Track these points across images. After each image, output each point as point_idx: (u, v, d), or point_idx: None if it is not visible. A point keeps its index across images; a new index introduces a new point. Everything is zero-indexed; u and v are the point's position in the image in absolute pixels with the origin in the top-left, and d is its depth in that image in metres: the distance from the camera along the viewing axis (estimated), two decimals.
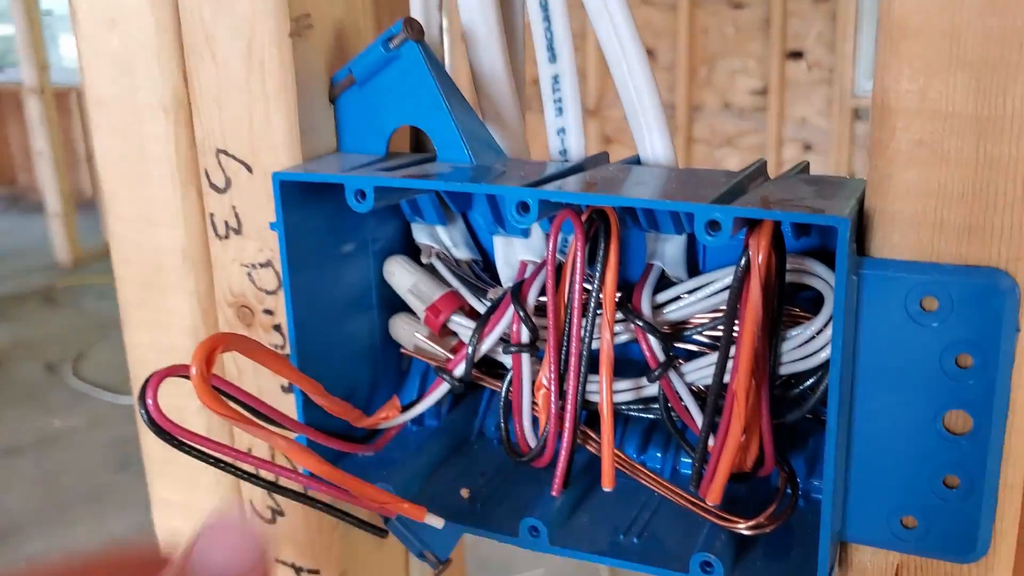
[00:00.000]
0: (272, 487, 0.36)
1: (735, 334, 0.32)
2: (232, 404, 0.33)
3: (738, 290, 0.32)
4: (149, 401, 0.32)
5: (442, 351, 0.41)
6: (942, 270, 0.29)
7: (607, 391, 0.35)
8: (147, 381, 0.32)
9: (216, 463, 0.34)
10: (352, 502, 0.36)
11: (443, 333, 0.41)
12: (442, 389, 0.40)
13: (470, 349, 0.39)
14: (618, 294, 0.35)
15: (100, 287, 3.29)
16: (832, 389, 0.29)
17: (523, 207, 0.32)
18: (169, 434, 0.32)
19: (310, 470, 0.34)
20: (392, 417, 0.40)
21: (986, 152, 0.28)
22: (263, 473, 0.42)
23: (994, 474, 0.30)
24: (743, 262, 0.32)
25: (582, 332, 0.36)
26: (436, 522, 0.36)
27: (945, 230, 0.29)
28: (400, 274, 0.41)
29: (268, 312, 0.40)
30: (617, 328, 0.37)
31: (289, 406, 0.38)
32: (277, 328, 0.40)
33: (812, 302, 0.35)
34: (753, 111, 3.19)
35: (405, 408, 0.40)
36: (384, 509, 0.36)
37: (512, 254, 0.41)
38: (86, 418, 2.48)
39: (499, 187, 0.33)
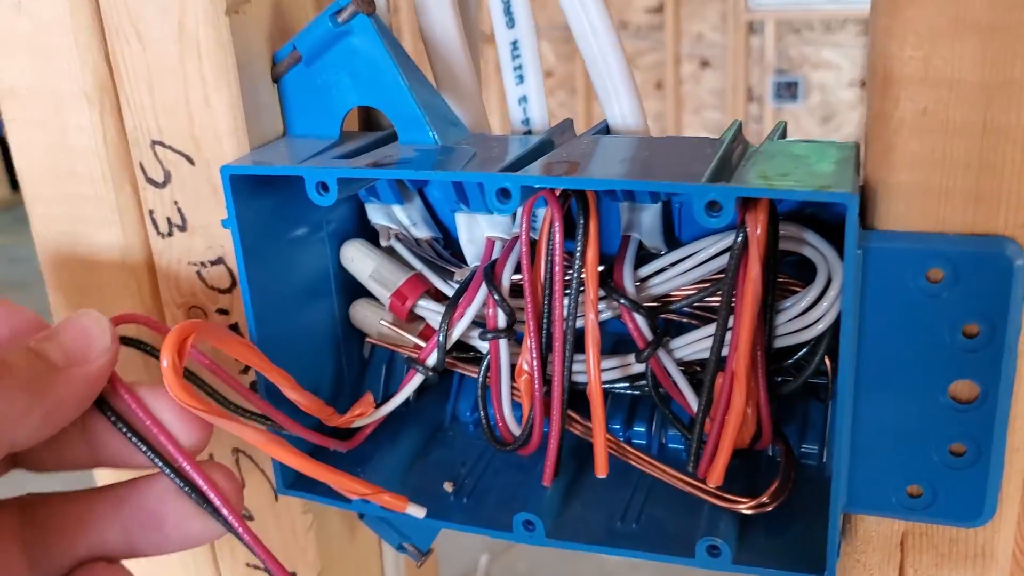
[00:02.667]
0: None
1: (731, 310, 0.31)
2: (206, 397, 0.31)
3: (735, 267, 0.31)
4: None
5: (410, 338, 0.39)
6: (948, 240, 0.28)
7: (595, 374, 0.33)
8: None
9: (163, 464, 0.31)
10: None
11: (410, 319, 0.39)
12: (416, 381, 0.38)
13: (441, 337, 0.37)
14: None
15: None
16: (842, 372, 0.28)
17: (504, 194, 0.30)
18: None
19: (288, 464, 0.32)
20: (367, 414, 0.38)
21: (994, 119, 0.27)
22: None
23: (1001, 440, 0.29)
24: (740, 239, 0.30)
25: (565, 312, 0.34)
26: (418, 512, 0.34)
27: (951, 200, 0.28)
28: (360, 260, 0.39)
29: (223, 311, 0.37)
30: (600, 306, 0.35)
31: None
32: (234, 328, 0.37)
33: (795, 266, 0.34)
34: (650, 29, 3.18)
35: (379, 403, 0.38)
36: (367, 499, 0.34)
37: (477, 231, 0.38)
38: None
39: (477, 174, 0.30)
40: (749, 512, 0.33)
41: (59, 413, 0.28)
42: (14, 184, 3.47)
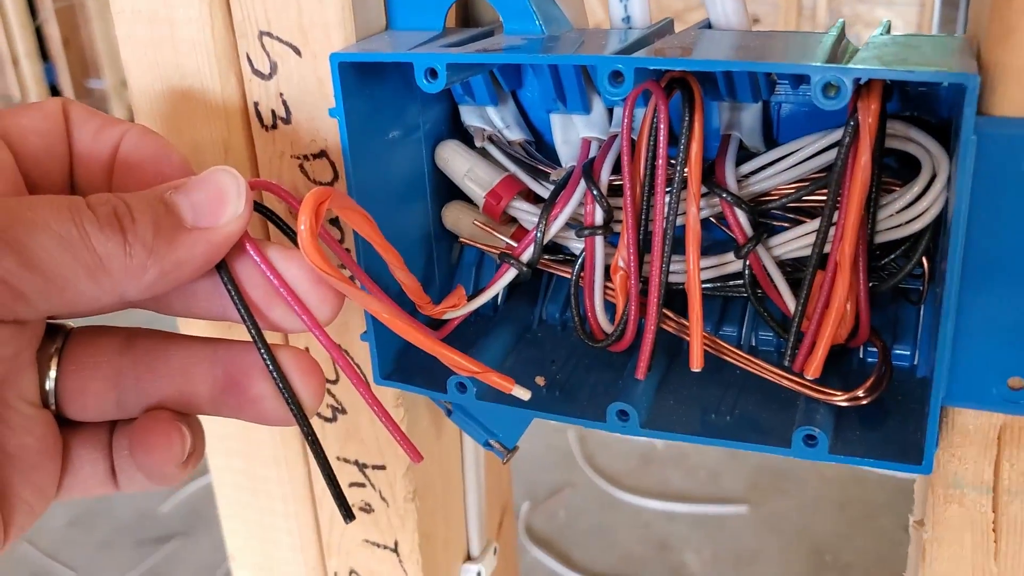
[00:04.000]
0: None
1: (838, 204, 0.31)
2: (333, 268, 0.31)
3: (845, 156, 0.31)
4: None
5: (502, 238, 0.40)
6: None
7: (695, 268, 0.34)
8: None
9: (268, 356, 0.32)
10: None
11: (503, 220, 0.40)
12: (509, 275, 0.38)
13: (539, 233, 0.37)
14: None
15: None
16: (952, 262, 0.29)
17: (616, 76, 0.30)
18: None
19: (409, 339, 0.33)
20: (460, 306, 0.38)
21: None
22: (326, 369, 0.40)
23: None
24: (852, 126, 0.30)
25: (666, 209, 0.34)
26: (523, 394, 0.34)
27: None
28: (455, 159, 0.40)
29: None
30: (700, 203, 0.35)
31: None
32: (334, 222, 0.38)
33: (893, 169, 0.34)
34: None
35: (471, 297, 0.39)
36: (477, 376, 0.34)
37: (572, 132, 0.39)
38: None
39: (592, 57, 0.31)
40: (845, 404, 0.34)
41: (178, 272, 0.28)
42: None
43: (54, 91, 3.25)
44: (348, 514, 0.32)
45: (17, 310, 0.26)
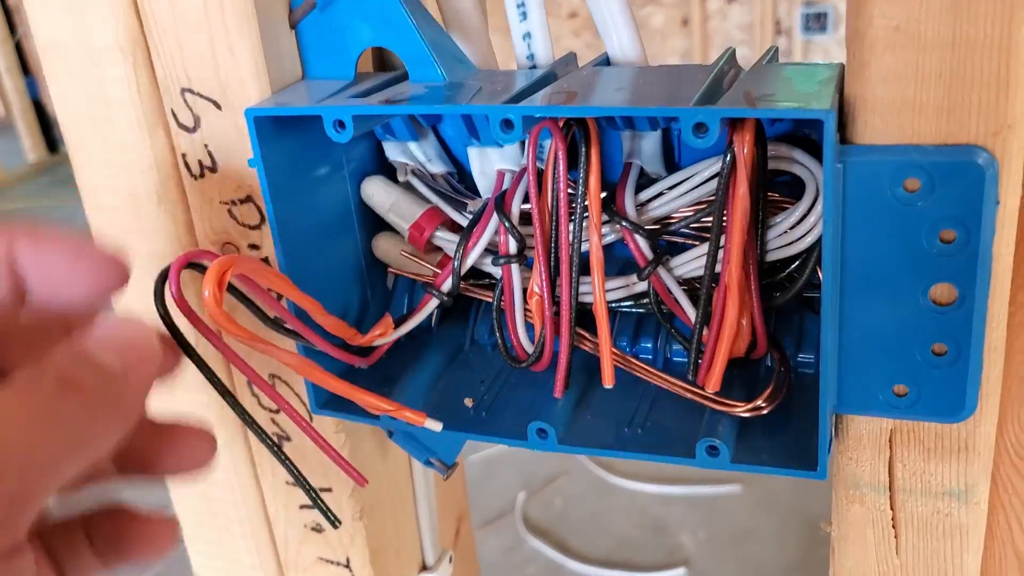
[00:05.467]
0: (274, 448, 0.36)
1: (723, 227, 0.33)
2: (242, 329, 0.33)
3: (725, 186, 0.33)
4: (172, 288, 0.31)
5: (429, 267, 0.42)
6: (923, 151, 0.30)
7: (600, 292, 0.36)
8: (165, 270, 0.32)
9: (221, 390, 0.34)
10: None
11: (428, 249, 0.42)
12: (431, 304, 0.40)
13: (456, 263, 0.39)
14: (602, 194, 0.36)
15: (30, 211, 3.20)
16: (826, 279, 0.31)
17: (507, 124, 0.32)
18: (183, 336, 0.32)
19: (319, 384, 0.35)
20: (387, 334, 0.40)
21: (963, 32, 0.28)
22: (264, 401, 0.43)
23: (979, 339, 0.31)
24: (728, 159, 0.32)
25: (570, 237, 0.36)
26: (435, 426, 0.37)
27: (924, 112, 0.29)
28: (379, 195, 0.41)
29: (254, 247, 0.40)
30: (603, 230, 0.37)
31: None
32: (265, 261, 0.40)
33: (787, 185, 0.36)
34: None
35: (397, 324, 0.41)
36: (390, 415, 0.36)
37: (488, 164, 0.41)
38: None
39: (482, 107, 0.32)
40: (746, 415, 0.36)
41: (132, 416, 0.29)
42: (51, 146, 3.53)
43: (37, 105, 3.27)
44: (333, 521, 0.36)
45: (18, 522, 0.26)
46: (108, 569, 0.32)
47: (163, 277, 0.32)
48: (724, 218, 0.33)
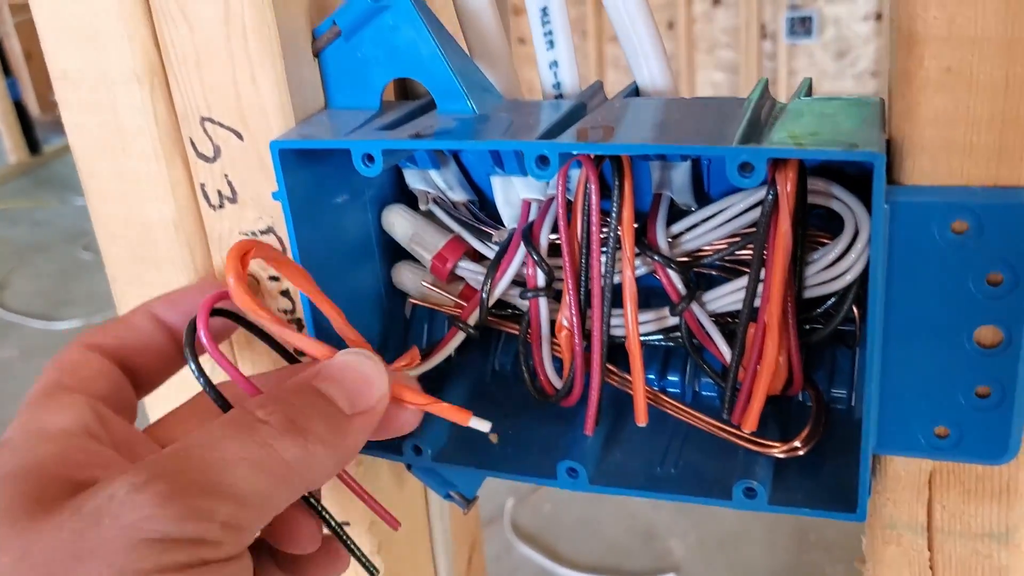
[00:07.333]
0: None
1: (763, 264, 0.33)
2: (267, 311, 0.32)
3: (766, 224, 0.32)
4: (203, 333, 0.31)
5: (450, 298, 0.41)
6: (972, 192, 0.29)
7: (634, 329, 0.35)
8: (193, 319, 0.32)
9: None
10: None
11: (450, 279, 0.41)
12: (458, 338, 0.39)
13: (483, 296, 0.38)
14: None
15: (11, 212, 3.16)
16: (871, 322, 0.30)
17: (543, 160, 0.31)
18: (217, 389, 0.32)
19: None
20: (412, 365, 0.39)
21: (1016, 75, 0.28)
22: None
23: None
24: (771, 197, 0.32)
25: (602, 269, 0.35)
26: (483, 425, 0.34)
27: (974, 154, 0.29)
28: (400, 224, 0.41)
29: (274, 279, 0.39)
30: (635, 263, 0.37)
31: None
32: (285, 293, 0.39)
33: (823, 218, 0.36)
34: None
35: (424, 356, 0.40)
36: (427, 409, 0.34)
37: (512, 193, 0.40)
38: (19, 348, 2.41)
39: (517, 143, 0.32)
40: (783, 456, 0.35)
41: (350, 457, 0.30)
42: (32, 147, 3.49)
43: (19, 106, 3.23)
44: (373, 572, 0.36)
45: (243, 543, 0.27)
46: None
47: (192, 326, 0.31)
48: (764, 254, 0.33)
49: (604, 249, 0.35)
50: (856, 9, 2.88)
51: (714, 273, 0.38)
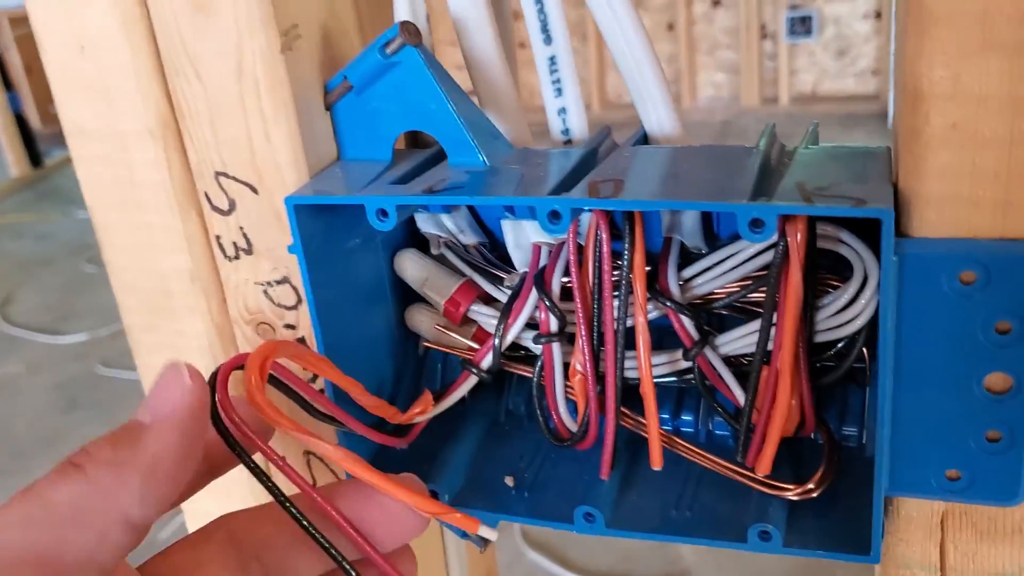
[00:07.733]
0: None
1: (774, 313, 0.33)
2: (284, 416, 0.33)
3: (777, 274, 0.32)
4: (219, 397, 0.32)
5: (464, 340, 0.41)
6: (979, 245, 0.30)
7: (647, 374, 0.35)
8: (214, 375, 0.32)
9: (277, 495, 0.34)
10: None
11: (462, 322, 0.41)
12: (470, 382, 0.40)
13: (496, 341, 0.39)
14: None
15: (14, 226, 3.17)
16: (882, 370, 0.30)
17: (554, 215, 0.32)
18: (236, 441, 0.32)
19: (364, 480, 0.34)
20: (427, 411, 0.40)
21: (1020, 129, 0.28)
22: None
23: None
24: (781, 248, 0.32)
25: (615, 314, 0.36)
26: (490, 534, 0.35)
27: (981, 207, 0.29)
28: (412, 269, 0.41)
29: (290, 327, 0.39)
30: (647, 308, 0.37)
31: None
32: (301, 341, 0.39)
33: (832, 258, 0.36)
34: None
35: (437, 398, 0.40)
36: (440, 518, 0.36)
37: (523, 237, 0.40)
38: (25, 363, 2.42)
39: (529, 199, 0.32)
40: (797, 499, 0.35)
41: (161, 471, 0.28)
42: (34, 161, 3.50)
43: (20, 119, 3.23)
44: None
45: None
46: None
47: (212, 385, 0.31)
48: (775, 303, 0.33)
49: (616, 293, 0.36)
50: (856, 8, 2.88)
51: (725, 312, 0.39)
